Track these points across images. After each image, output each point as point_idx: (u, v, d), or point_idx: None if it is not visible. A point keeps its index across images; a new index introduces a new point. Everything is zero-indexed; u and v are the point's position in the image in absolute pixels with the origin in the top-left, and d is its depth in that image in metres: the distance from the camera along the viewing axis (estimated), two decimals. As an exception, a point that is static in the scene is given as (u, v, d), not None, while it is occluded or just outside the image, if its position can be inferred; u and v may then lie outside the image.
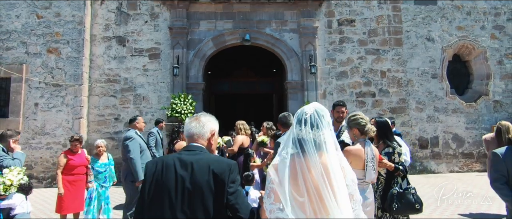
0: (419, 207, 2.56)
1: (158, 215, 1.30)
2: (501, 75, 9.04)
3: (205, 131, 1.50)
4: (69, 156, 4.14)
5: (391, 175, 2.70)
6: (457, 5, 9.23)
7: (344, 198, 1.14)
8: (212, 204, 1.30)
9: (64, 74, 7.95)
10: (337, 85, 8.70)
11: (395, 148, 2.81)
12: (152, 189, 1.35)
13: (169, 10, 8.61)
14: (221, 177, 1.33)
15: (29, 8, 8.14)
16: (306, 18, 8.75)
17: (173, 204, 1.29)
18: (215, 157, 1.46)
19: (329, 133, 1.24)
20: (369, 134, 2.57)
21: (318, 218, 1.14)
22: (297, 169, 1.16)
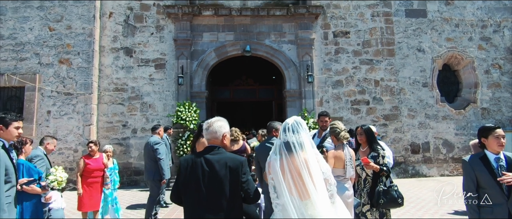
0: (401, 201, 3.00)
1: (189, 197, 1.78)
2: (488, 84, 9.53)
3: (219, 134, 1.96)
4: (87, 160, 4.58)
5: (376, 175, 3.15)
6: (446, 18, 9.76)
7: (320, 182, 1.59)
8: (228, 189, 1.77)
9: (75, 84, 8.41)
10: (333, 94, 9.17)
11: (379, 152, 3.26)
12: (185, 179, 1.82)
13: (173, 22, 9.11)
14: (236, 171, 1.81)
15: (41, 21, 8.63)
16: (303, 30, 9.26)
17: (200, 190, 1.76)
18: (231, 155, 1.92)
19: (306, 136, 1.69)
20: (342, 141, 3.04)
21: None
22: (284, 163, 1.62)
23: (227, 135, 1.99)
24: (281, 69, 9.40)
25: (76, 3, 8.71)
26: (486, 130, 2.66)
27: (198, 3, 9.22)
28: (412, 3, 9.76)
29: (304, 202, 1.59)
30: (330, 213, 1.57)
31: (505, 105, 9.43)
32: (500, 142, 2.57)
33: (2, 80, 8.26)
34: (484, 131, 2.67)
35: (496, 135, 2.58)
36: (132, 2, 9.17)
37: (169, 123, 8.29)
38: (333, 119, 9.04)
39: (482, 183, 2.54)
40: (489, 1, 9.90)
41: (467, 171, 2.62)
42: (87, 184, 4.47)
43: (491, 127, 2.66)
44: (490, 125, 2.72)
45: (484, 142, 2.66)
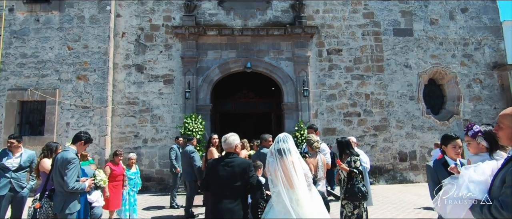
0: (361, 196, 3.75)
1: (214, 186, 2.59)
2: (470, 97, 10.34)
3: (233, 145, 2.83)
4: (112, 167, 5.34)
5: (350, 175, 3.91)
6: (431, 36, 10.64)
7: (301, 176, 2.36)
8: (239, 181, 2.57)
9: (92, 98, 9.22)
10: (327, 107, 9.97)
11: (352, 158, 4.03)
12: (212, 174, 2.64)
13: (181, 41, 9.97)
14: (245, 170, 2.66)
15: (61, 41, 9.49)
16: (299, 48, 10.11)
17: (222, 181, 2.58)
18: (241, 159, 2.75)
19: (292, 145, 2.48)
20: (315, 150, 3.87)
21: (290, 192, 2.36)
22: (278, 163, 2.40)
23: (239, 145, 2.80)
24: (279, 84, 10.22)
25: (92, 24, 9.59)
26: (448, 139, 3.03)
27: (203, 24, 10.10)
28: (400, 22, 10.65)
29: (291, 190, 2.35)
30: (307, 196, 2.33)
31: (486, 117, 10.21)
32: (457, 151, 2.94)
33: (25, 95, 9.07)
34: (446, 139, 3.05)
35: (454, 144, 2.96)
36: (143, 23, 10.06)
37: (177, 134, 9.06)
38: (327, 129, 9.87)
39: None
40: (470, 21, 10.80)
41: (431, 174, 2.94)
42: (112, 187, 5.22)
43: (452, 136, 3.18)
44: (452, 134, 3.30)
45: (444, 149, 3.04)
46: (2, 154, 4.11)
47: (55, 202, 2.89)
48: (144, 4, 10.10)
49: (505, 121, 1.72)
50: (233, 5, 10.26)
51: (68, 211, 2.87)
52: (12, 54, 9.26)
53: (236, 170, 2.61)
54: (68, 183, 2.86)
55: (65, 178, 2.86)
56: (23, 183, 4.15)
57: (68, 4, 9.54)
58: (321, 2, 10.50)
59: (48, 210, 2.90)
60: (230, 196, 2.54)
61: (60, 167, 2.92)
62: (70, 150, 3.06)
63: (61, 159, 2.95)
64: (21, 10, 9.44)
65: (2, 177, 3.99)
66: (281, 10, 10.36)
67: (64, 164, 2.90)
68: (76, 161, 2.97)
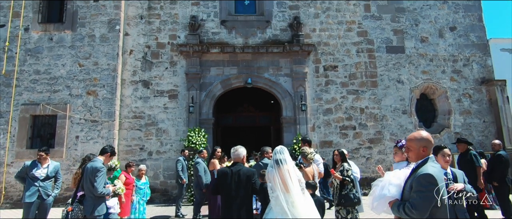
0: (356, 201, 4.20)
1: (223, 191, 3.05)
2: (460, 111, 10.85)
3: (241, 156, 3.32)
4: (126, 176, 5.79)
5: (342, 184, 4.37)
6: (422, 53, 11.24)
7: (296, 182, 2.83)
8: (245, 186, 3.04)
9: (100, 112, 9.70)
10: (324, 120, 10.46)
11: (345, 167, 4.49)
12: (222, 181, 3.11)
13: (185, 59, 10.55)
14: (250, 177, 3.13)
15: (73, 58, 10.06)
16: (297, 65, 10.69)
17: (230, 189, 3.04)
18: (247, 168, 3.22)
19: (288, 156, 2.96)
20: (309, 161, 4.34)
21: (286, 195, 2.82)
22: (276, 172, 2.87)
23: (245, 156, 3.29)
24: (278, 99, 10.74)
25: (102, 43, 10.18)
26: (437, 149, 3.34)
27: (206, 42, 10.70)
28: (392, 40, 11.28)
29: (287, 194, 2.80)
30: (301, 199, 2.79)
31: (476, 130, 10.70)
32: (446, 159, 3.25)
33: (37, 109, 9.56)
34: (436, 149, 3.33)
35: (443, 153, 3.28)
36: (150, 41, 10.67)
37: (181, 146, 9.51)
38: (324, 142, 10.33)
39: None
40: (458, 39, 11.43)
41: None
42: (125, 195, 5.64)
43: (440, 146, 3.53)
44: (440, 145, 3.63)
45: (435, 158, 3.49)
46: (32, 165, 4.57)
47: (86, 206, 3.34)
48: (151, 23, 10.73)
49: (412, 144, 2.20)
50: (234, 24, 10.91)
51: (97, 213, 3.31)
52: (26, 71, 9.80)
53: (242, 177, 3.09)
54: (97, 188, 3.31)
55: (95, 184, 3.32)
56: (49, 191, 4.60)
57: (80, 24, 10.16)
58: (318, 21, 11.15)
59: (78, 213, 3.34)
60: (237, 199, 3.00)
61: (90, 175, 3.38)
62: (98, 160, 3.52)
63: (91, 168, 3.41)
64: (36, 30, 10.05)
65: (31, 185, 4.44)
66: (280, 29, 10.99)
67: (94, 172, 3.36)
68: (103, 169, 3.43)
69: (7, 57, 9.79)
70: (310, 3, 11.22)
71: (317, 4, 11.24)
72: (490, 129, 10.74)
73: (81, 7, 10.26)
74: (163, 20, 10.77)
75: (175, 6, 10.86)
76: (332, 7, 11.24)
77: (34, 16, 10.12)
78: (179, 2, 10.90)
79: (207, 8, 10.93)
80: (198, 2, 10.95)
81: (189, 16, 10.76)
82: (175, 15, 10.82)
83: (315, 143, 10.09)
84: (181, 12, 10.84)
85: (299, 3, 11.19)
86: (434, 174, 2.03)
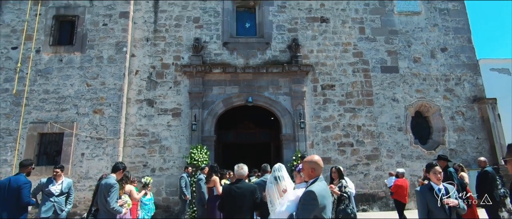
0: (353, 216, 4.49)
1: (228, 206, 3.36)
2: (454, 128, 11.22)
3: (244, 173, 3.63)
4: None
5: (340, 199, 4.67)
6: (415, 73, 11.72)
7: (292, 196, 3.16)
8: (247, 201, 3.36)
9: (106, 130, 10.04)
10: (322, 137, 10.79)
11: (343, 184, 4.81)
12: (227, 196, 3.42)
13: (188, 78, 10.99)
14: (252, 192, 3.45)
15: (81, 78, 10.50)
16: (296, 84, 11.14)
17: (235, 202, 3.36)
18: (249, 184, 3.54)
19: (285, 173, 3.29)
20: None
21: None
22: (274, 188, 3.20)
23: (248, 173, 3.61)
24: (278, 117, 11.11)
25: (109, 64, 10.66)
26: (429, 166, 3.59)
27: (209, 63, 11.19)
28: (386, 61, 11.79)
29: (285, 207, 3.14)
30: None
31: (470, 147, 11.03)
32: (437, 177, 3.44)
33: (45, 127, 9.90)
34: (428, 167, 3.60)
35: (434, 171, 3.48)
36: (155, 62, 11.16)
37: (184, 163, 9.78)
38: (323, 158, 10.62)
39: (430, 206, 3.36)
40: (450, 59, 11.95)
41: (420, 198, 3.43)
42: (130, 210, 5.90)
43: (432, 164, 3.75)
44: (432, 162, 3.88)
45: (428, 175, 3.55)
46: (48, 181, 4.88)
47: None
48: (157, 45, 11.27)
49: (305, 165, 2.68)
50: (236, 46, 11.45)
51: (110, 226, 3.61)
52: (36, 91, 10.21)
53: (245, 192, 3.42)
54: (110, 203, 3.62)
55: (108, 199, 3.62)
56: (63, 207, 4.88)
57: (89, 46, 10.67)
58: (315, 43, 11.71)
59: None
60: (241, 213, 3.31)
61: (104, 191, 3.69)
62: (111, 177, 3.85)
63: (105, 184, 3.73)
64: (46, 52, 10.55)
65: (47, 201, 4.72)
66: (279, 51, 11.52)
67: (108, 188, 3.68)
68: (116, 185, 3.75)
69: (18, 77, 10.23)
70: (307, 26, 11.82)
71: (314, 27, 11.83)
72: (483, 145, 11.06)
73: (90, 30, 10.82)
74: (168, 42, 11.31)
75: (180, 29, 11.43)
76: (329, 30, 11.83)
77: (45, 39, 10.65)
78: (184, 25, 11.48)
79: (210, 31, 11.50)
80: (201, 25, 11.53)
81: (192, 38, 11.31)
82: (180, 38, 11.37)
83: (314, 159, 10.36)
84: (185, 34, 11.40)
85: (297, 26, 11.79)
86: (316, 191, 2.43)
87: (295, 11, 11.96)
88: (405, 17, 12.20)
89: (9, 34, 10.65)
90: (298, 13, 11.95)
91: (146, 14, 11.59)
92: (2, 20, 10.78)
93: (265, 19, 11.80)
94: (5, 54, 10.49)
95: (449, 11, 12.40)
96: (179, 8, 11.68)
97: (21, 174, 4.43)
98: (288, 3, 12.02)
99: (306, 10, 12.00)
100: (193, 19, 11.60)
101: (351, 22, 11.97)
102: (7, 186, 4.13)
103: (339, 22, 11.94)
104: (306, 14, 11.95)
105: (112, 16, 11.04)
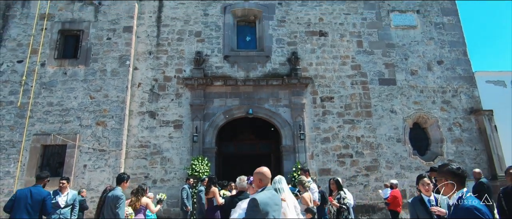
0: None
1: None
2: (452, 139, 11.35)
3: (245, 185, 3.72)
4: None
5: (338, 210, 4.79)
6: (412, 85, 11.94)
7: (292, 208, 3.29)
8: None
9: (108, 142, 10.17)
10: (322, 149, 10.91)
11: (342, 195, 4.94)
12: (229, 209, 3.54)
13: (190, 91, 11.20)
14: None
15: (84, 91, 10.69)
16: (295, 96, 11.33)
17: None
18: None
19: (285, 185, 3.43)
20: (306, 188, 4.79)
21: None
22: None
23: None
24: (278, 128, 11.26)
25: (113, 76, 10.88)
26: (418, 178, 3.78)
27: (210, 75, 11.41)
28: (384, 73, 12.03)
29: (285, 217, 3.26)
30: (295, 218, 3.27)
31: (468, 158, 11.14)
32: (425, 188, 3.60)
33: (49, 139, 10.03)
34: (417, 178, 3.81)
35: (422, 182, 3.65)
36: (157, 75, 11.38)
37: (185, 175, 9.87)
38: (323, 170, 10.70)
39: (420, 217, 3.43)
40: (446, 72, 12.20)
41: (411, 209, 3.57)
42: (134, 222, 5.99)
43: (421, 176, 4.01)
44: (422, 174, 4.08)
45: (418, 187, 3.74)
46: (54, 193, 5.00)
47: (107, 231, 3.76)
48: (159, 58, 11.52)
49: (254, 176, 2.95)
50: (237, 59, 11.70)
51: (116, 237, 3.72)
52: (40, 103, 10.39)
53: None
54: (119, 214, 3.74)
55: (118, 211, 3.75)
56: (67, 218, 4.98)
57: (93, 59, 10.92)
58: (314, 56, 11.97)
59: (100, 236, 3.75)
60: None
61: (111, 203, 3.82)
62: (117, 189, 3.98)
63: (113, 196, 3.87)
64: (51, 65, 10.78)
65: (53, 213, 4.83)
66: (279, 63, 11.77)
67: (115, 200, 3.81)
68: (123, 197, 3.88)
69: (23, 90, 10.42)
70: (306, 40, 12.11)
71: (313, 40, 12.12)
72: (481, 156, 11.18)
73: (95, 44, 11.09)
74: (170, 55, 11.57)
75: (182, 43, 11.72)
76: (327, 43, 12.12)
77: (50, 52, 10.90)
78: (186, 39, 11.77)
79: (211, 44, 11.78)
80: (203, 39, 11.82)
81: (194, 51, 11.58)
82: (182, 51, 11.63)
83: (314, 170, 10.48)
84: (187, 48, 11.67)
85: (297, 39, 12.08)
86: (259, 199, 2.68)
87: (294, 25, 12.28)
88: (402, 31, 12.52)
89: (15, 48, 10.91)
90: (297, 27, 12.27)
91: (149, 28, 11.89)
92: (9, 35, 11.06)
93: (265, 33, 12.11)
94: (10, 67, 10.72)
95: (444, 25, 12.73)
96: (182, 23, 12.00)
97: (39, 186, 4.59)
98: (287, 18, 12.35)
99: (305, 24, 12.32)
100: (195, 33, 11.90)
101: (349, 36, 12.27)
102: (29, 196, 4.28)
103: (337, 36, 12.24)
104: (305, 28, 12.26)
105: (116, 30, 11.33)
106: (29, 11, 11.37)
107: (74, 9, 11.52)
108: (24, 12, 11.37)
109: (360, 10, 12.66)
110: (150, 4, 12.17)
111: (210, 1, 12.37)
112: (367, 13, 12.65)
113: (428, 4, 12.99)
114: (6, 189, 9.45)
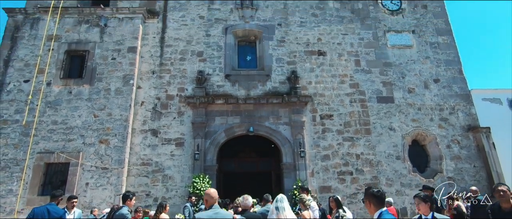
0: None
1: None
2: (451, 156, 11.45)
3: (249, 204, 3.87)
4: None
5: (338, 228, 4.89)
6: (410, 103, 12.17)
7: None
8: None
9: (111, 160, 10.28)
10: (322, 166, 11.01)
11: (340, 213, 5.04)
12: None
13: (192, 109, 11.41)
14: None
15: (88, 110, 10.91)
16: (295, 114, 11.53)
17: None
18: (254, 214, 3.79)
19: (286, 204, 3.57)
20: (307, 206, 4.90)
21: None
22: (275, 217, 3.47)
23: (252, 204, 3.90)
24: (278, 146, 11.39)
25: (117, 95, 11.13)
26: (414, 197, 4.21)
27: (211, 94, 11.66)
28: (382, 91, 12.28)
29: (286, 234, 3.39)
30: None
31: (467, 175, 11.20)
32: (417, 207, 3.92)
33: (52, 157, 10.15)
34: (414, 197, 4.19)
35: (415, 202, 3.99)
36: (160, 94, 11.64)
37: (186, 193, 9.93)
38: (323, 187, 10.78)
39: None
40: (443, 90, 12.45)
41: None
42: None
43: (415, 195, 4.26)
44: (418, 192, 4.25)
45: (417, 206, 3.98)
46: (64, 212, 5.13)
47: (115, 248, 3.88)
48: (162, 78, 11.82)
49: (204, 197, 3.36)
50: (238, 78, 12.00)
51: (124, 254, 3.83)
52: (44, 122, 10.58)
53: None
54: (128, 233, 3.88)
55: (123, 229, 3.89)
56: (74, 236, 5.08)
57: (97, 79, 11.21)
58: (313, 75, 12.27)
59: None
60: None
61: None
62: (124, 208, 4.12)
63: (120, 214, 4.00)
64: (57, 84, 11.06)
65: (61, 231, 4.94)
66: (279, 82, 12.06)
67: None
68: (129, 215, 4.02)
69: (29, 109, 10.64)
70: (305, 59, 12.45)
71: (312, 59, 12.46)
72: (481, 173, 11.24)
73: (99, 64, 11.41)
74: (173, 74, 11.88)
75: (184, 63, 12.05)
76: (326, 62, 12.45)
77: (56, 72, 11.21)
78: (188, 59, 12.12)
79: (213, 64, 12.11)
80: (205, 59, 12.17)
81: (196, 71, 11.89)
82: (184, 70, 11.95)
83: (314, 188, 10.53)
84: (189, 67, 11.99)
85: (296, 59, 12.42)
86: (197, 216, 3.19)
87: (293, 45, 12.66)
88: (398, 50, 12.88)
89: (22, 68, 11.22)
90: (296, 47, 12.64)
91: (153, 48, 12.26)
92: (17, 55, 11.41)
93: (265, 52, 12.46)
94: (17, 87, 11.00)
95: (439, 44, 13.11)
96: (184, 43, 12.38)
97: (53, 204, 4.79)
98: (287, 38, 12.75)
99: (304, 44, 12.70)
100: (197, 53, 12.26)
101: (347, 55, 12.62)
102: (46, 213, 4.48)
103: (335, 55, 12.59)
104: (304, 48, 12.64)
105: (120, 50, 11.69)
106: (37, 32, 11.77)
107: (80, 31, 11.93)
108: (32, 33, 11.77)
109: (357, 30, 13.08)
110: (154, 26, 12.60)
111: (212, 22, 12.81)
112: (364, 33, 13.06)
113: (423, 25, 13.43)
114: (8, 208, 9.49)
